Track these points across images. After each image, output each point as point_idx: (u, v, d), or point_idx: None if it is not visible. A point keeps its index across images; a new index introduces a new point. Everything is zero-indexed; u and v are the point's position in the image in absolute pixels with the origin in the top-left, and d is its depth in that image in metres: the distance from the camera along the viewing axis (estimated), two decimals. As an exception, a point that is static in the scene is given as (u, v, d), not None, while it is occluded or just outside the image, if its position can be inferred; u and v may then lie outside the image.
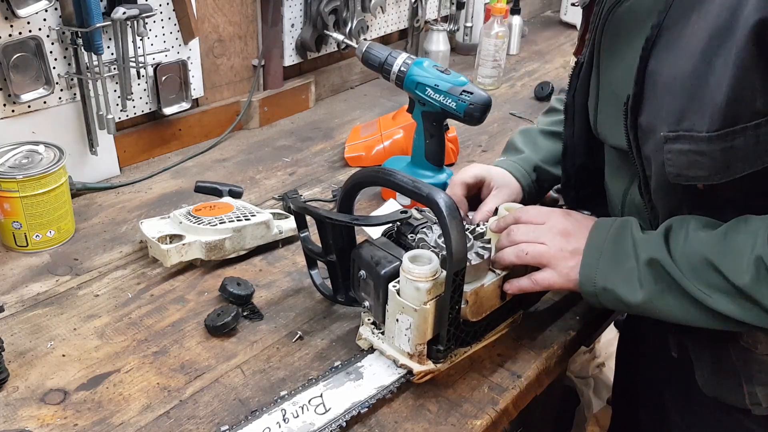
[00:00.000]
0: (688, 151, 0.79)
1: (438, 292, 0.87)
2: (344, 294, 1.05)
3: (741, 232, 0.79)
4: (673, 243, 0.84)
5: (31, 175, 1.15)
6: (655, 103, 0.83)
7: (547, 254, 0.92)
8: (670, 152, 0.80)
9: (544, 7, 2.83)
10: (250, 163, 1.58)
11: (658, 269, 0.83)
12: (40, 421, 0.88)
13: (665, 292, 0.83)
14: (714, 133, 0.76)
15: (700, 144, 0.77)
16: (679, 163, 0.80)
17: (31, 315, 1.07)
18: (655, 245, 0.84)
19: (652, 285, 0.84)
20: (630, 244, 0.87)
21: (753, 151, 0.75)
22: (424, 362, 0.91)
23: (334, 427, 0.85)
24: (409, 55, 1.30)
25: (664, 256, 0.83)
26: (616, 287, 0.87)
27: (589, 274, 0.89)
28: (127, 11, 1.32)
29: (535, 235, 0.94)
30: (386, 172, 0.93)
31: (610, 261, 0.88)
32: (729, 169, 0.77)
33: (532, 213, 0.98)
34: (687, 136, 0.78)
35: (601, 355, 1.89)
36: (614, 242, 0.88)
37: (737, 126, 0.74)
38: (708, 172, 0.78)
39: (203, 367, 0.98)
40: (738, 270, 0.77)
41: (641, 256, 0.85)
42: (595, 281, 0.89)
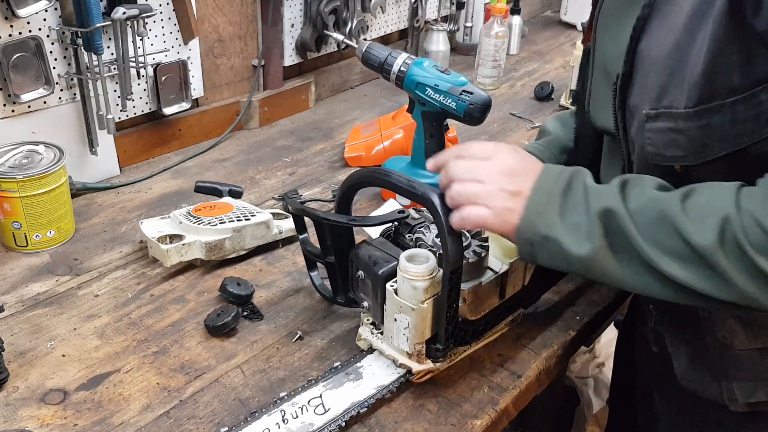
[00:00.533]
0: (666, 129, 0.78)
1: (435, 290, 0.87)
2: (344, 295, 1.05)
3: (705, 193, 0.74)
4: (628, 196, 0.76)
5: (31, 175, 1.15)
6: (642, 80, 0.83)
7: (482, 192, 0.82)
8: (651, 131, 0.80)
9: (544, 7, 2.83)
10: (250, 163, 1.58)
11: (611, 221, 0.75)
12: (40, 421, 0.88)
13: (614, 249, 0.75)
14: (692, 109, 0.75)
15: (678, 121, 0.77)
16: (659, 142, 0.80)
17: (31, 315, 1.07)
18: (609, 196, 0.77)
19: (601, 238, 0.76)
20: (581, 192, 0.78)
21: (730, 130, 0.74)
22: (423, 361, 0.92)
23: (333, 427, 0.85)
24: (409, 55, 1.30)
25: (619, 207, 0.75)
26: (560, 236, 0.77)
27: (531, 218, 0.79)
28: (127, 11, 1.32)
29: (474, 174, 0.83)
30: (382, 172, 0.93)
31: (558, 208, 0.78)
32: (706, 148, 0.76)
33: (476, 148, 0.86)
34: (666, 113, 0.78)
35: (601, 355, 1.89)
36: (565, 189, 0.79)
37: (714, 102, 0.74)
38: (685, 151, 0.78)
39: (203, 367, 0.98)
40: (699, 230, 0.71)
41: (593, 206, 0.76)
42: (537, 227, 0.79)
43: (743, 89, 0.73)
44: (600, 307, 1.13)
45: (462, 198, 0.82)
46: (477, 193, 0.82)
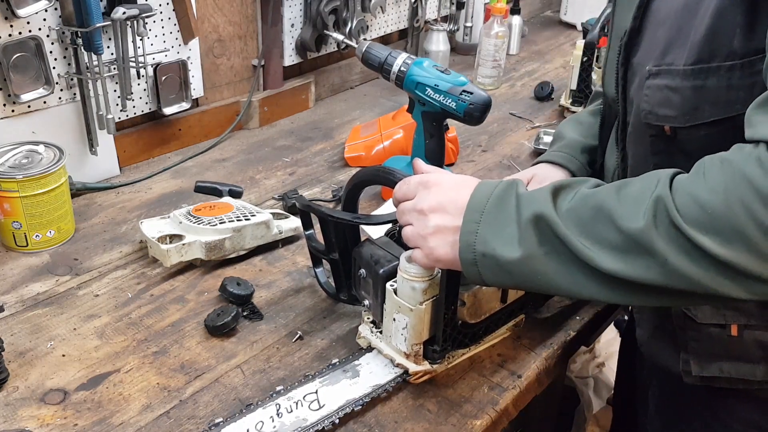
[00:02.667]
0: (663, 87, 0.79)
1: (434, 292, 0.87)
2: (347, 292, 1.06)
3: (639, 181, 0.71)
4: (561, 199, 0.74)
5: (31, 175, 1.15)
6: (650, 38, 0.83)
7: (413, 236, 0.83)
8: (649, 88, 0.80)
9: (544, 7, 2.83)
10: (250, 163, 1.58)
11: (541, 226, 0.73)
12: (40, 421, 0.88)
13: (548, 253, 0.73)
14: (690, 67, 0.76)
15: (675, 78, 0.77)
16: (654, 99, 0.80)
17: (31, 315, 1.07)
18: (540, 201, 0.74)
19: (535, 245, 0.73)
20: (513, 202, 0.76)
21: (723, 95, 0.74)
22: (420, 362, 0.92)
23: (326, 423, 0.85)
24: (409, 55, 1.30)
25: (549, 212, 0.72)
26: (495, 249, 0.75)
27: (468, 240, 0.77)
28: (127, 11, 1.32)
29: (407, 216, 0.84)
30: (386, 171, 0.93)
31: (491, 223, 0.76)
32: (697, 111, 0.77)
33: (402, 189, 0.86)
34: (666, 70, 0.78)
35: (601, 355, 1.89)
36: (497, 203, 0.77)
37: (712, 63, 0.74)
38: (677, 112, 0.78)
39: (203, 367, 0.98)
40: (633, 214, 0.67)
41: (524, 214, 0.74)
42: (474, 247, 0.76)
43: (741, 55, 0.73)
44: (600, 307, 1.13)
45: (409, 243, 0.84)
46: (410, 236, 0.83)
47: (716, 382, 0.90)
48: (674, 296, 0.69)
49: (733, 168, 0.64)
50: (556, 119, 1.84)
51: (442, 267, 0.84)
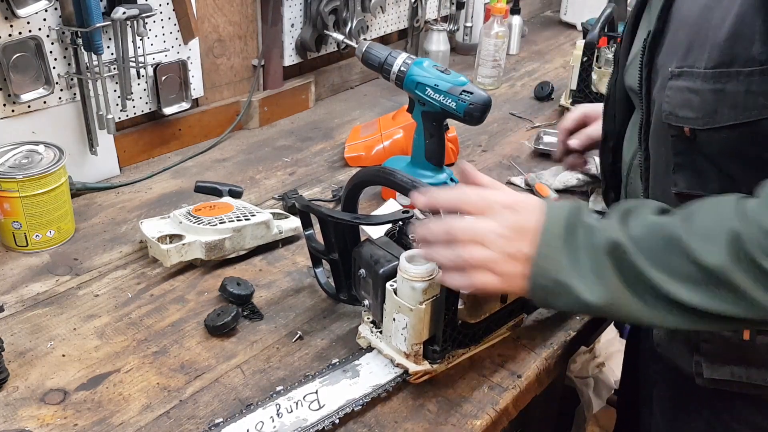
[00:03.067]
0: (684, 88, 0.80)
1: (434, 292, 0.87)
2: (347, 292, 1.06)
3: (705, 210, 0.72)
4: (630, 225, 0.74)
5: (31, 175, 1.15)
6: (672, 40, 0.85)
7: (488, 259, 0.79)
8: (671, 89, 0.82)
9: (544, 7, 2.83)
10: (250, 163, 1.58)
11: (617, 254, 0.73)
12: (40, 421, 0.88)
13: (626, 286, 0.73)
14: (710, 70, 0.77)
15: (696, 80, 0.78)
16: (675, 100, 0.81)
17: (31, 315, 1.07)
18: (612, 228, 0.75)
19: (614, 277, 0.73)
20: (582, 231, 0.76)
21: (742, 100, 0.75)
22: (420, 362, 0.92)
23: (326, 423, 0.85)
24: (409, 55, 1.30)
25: (623, 239, 0.73)
26: (572, 281, 0.75)
27: (543, 266, 0.77)
28: (127, 11, 1.32)
29: (475, 236, 0.80)
30: (386, 171, 0.93)
31: (565, 250, 0.76)
32: (716, 114, 0.77)
33: (474, 200, 0.83)
34: (688, 72, 0.79)
35: (601, 355, 1.89)
36: (567, 230, 0.77)
37: (732, 68, 0.75)
38: (696, 114, 0.79)
39: (203, 367, 0.98)
40: (709, 249, 0.68)
41: (598, 242, 0.74)
42: (548, 273, 0.76)
43: (761, 62, 0.73)
44: (600, 307, 1.13)
45: (467, 264, 0.80)
46: (483, 260, 0.79)
47: (727, 386, 0.90)
48: (755, 324, 0.73)
49: None
50: (556, 119, 1.84)
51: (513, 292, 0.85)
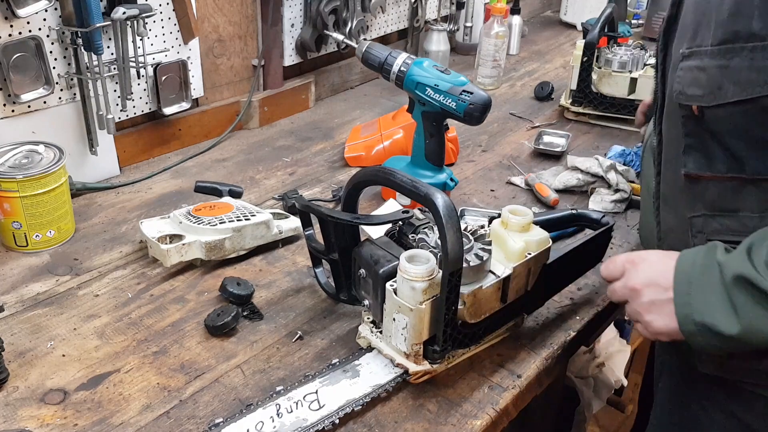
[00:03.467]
0: (693, 68, 0.85)
1: (434, 292, 0.87)
2: (347, 292, 1.06)
3: None
4: (755, 256, 0.79)
5: (31, 175, 1.15)
6: (683, 23, 0.90)
7: (632, 313, 0.92)
8: (682, 69, 0.87)
9: (544, 7, 2.83)
10: (250, 163, 1.58)
11: (746, 286, 0.79)
12: (40, 421, 0.88)
13: (760, 312, 0.78)
14: (716, 47, 0.81)
15: (703, 58, 0.83)
16: (685, 79, 0.86)
17: (31, 315, 1.07)
18: (738, 261, 0.80)
19: (746, 306, 0.79)
20: (716, 269, 0.82)
21: (746, 75, 0.79)
22: (420, 362, 0.91)
23: (326, 423, 0.85)
24: (409, 55, 1.30)
25: (749, 270, 0.78)
26: (712, 318, 0.81)
27: (684, 312, 0.84)
28: (127, 11, 1.32)
29: (617, 295, 0.94)
30: (386, 171, 0.93)
31: (701, 291, 0.83)
32: (721, 90, 0.82)
33: (609, 269, 0.96)
34: (696, 51, 0.84)
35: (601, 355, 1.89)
36: (701, 271, 0.84)
37: (736, 44, 0.80)
38: (703, 91, 0.83)
39: (203, 367, 0.98)
40: None
41: (727, 276, 0.80)
42: (692, 317, 0.83)
43: (762, 37, 0.77)
44: (600, 307, 1.13)
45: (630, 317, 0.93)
46: (631, 313, 0.92)
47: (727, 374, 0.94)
48: None
49: None
50: (556, 119, 1.84)
51: (665, 339, 0.89)
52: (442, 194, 0.85)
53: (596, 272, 1.19)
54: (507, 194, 1.47)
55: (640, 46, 1.79)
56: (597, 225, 1.18)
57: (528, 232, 0.98)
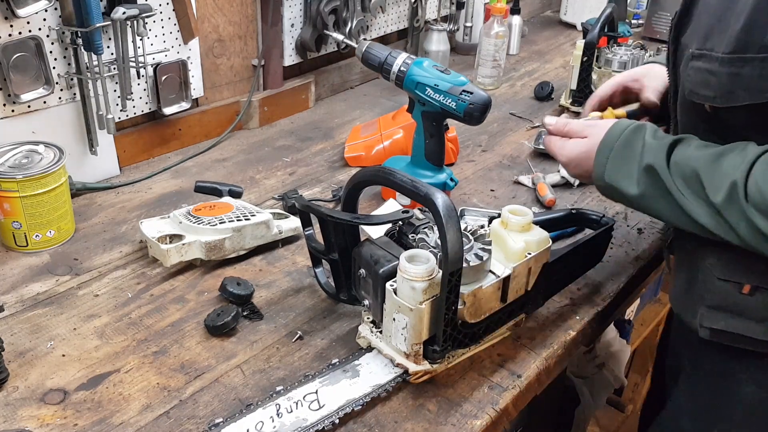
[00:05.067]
0: (703, 70, 0.88)
1: (434, 292, 0.87)
2: (346, 292, 1.06)
3: (732, 156, 0.86)
4: (674, 153, 0.92)
5: (31, 175, 1.15)
6: (696, 21, 0.94)
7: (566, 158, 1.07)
8: (692, 69, 0.90)
9: (544, 7, 2.83)
10: (249, 163, 1.58)
11: (653, 175, 0.93)
12: (40, 421, 0.88)
13: (657, 194, 0.93)
14: (727, 55, 0.85)
15: (714, 63, 0.86)
16: (695, 80, 0.90)
17: (31, 315, 1.07)
18: (658, 153, 0.93)
19: (648, 186, 0.94)
20: (639, 146, 0.95)
21: (756, 83, 0.83)
22: (420, 362, 0.91)
23: (326, 423, 0.85)
24: (409, 55, 1.30)
25: (661, 165, 0.92)
26: (619, 183, 0.97)
27: (599, 171, 0.99)
28: (127, 11, 1.32)
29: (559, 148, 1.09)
30: (386, 171, 0.93)
31: (617, 160, 0.97)
32: (732, 94, 0.85)
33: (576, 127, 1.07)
34: (707, 55, 0.88)
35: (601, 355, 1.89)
36: (625, 144, 0.97)
37: (747, 54, 0.83)
38: (714, 93, 0.87)
39: (203, 366, 0.98)
40: (716, 188, 0.86)
41: (643, 161, 0.94)
42: (603, 177, 0.99)
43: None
44: (600, 307, 1.13)
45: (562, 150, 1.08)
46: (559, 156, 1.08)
47: (724, 338, 0.97)
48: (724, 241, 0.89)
49: None
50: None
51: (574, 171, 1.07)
52: (442, 194, 0.85)
53: (596, 272, 1.19)
54: (507, 194, 1.47)
55: (640, 46, 1.79)
56: (597, 225, 1.18)
57: (528, 232, 0.99)
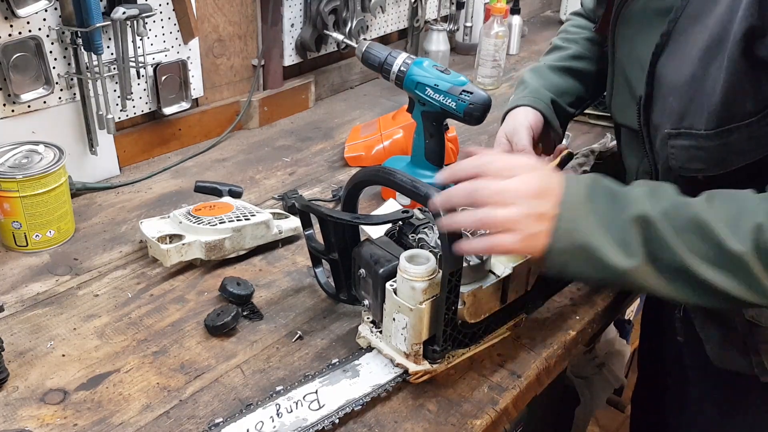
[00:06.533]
0: (689, 147, 0.86)
1: (434, 292, 0.87)
2: (346, 292, 1.06)
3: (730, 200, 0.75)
4: (659, 200, 0.77)
5: (31, 175, 1.15)
6: (662, 103, 0.91)
7: (513, 218, 0.78)
8: (674, 147, 0.88)
9: (543, 7, 2.83)
10: (249, 163, 1.58)
11: (646, 226, 0.75)
12: (40, 421, 0.88)
13: (653, 257, 0.75)
14: (711, 131, 0.83)
15: (699, 140, 0.84)
16: (681, 157, 0.88)
17: (31, 315, 1.07)
18: (641, 201, 0.76)
19: (640, 247, 0.75)
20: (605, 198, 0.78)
21: (747, 146, 0.82)
22: (420, 362, 0.92)
23: (326, 423, 0.85)
24: (408, 55, 1.30)
25: (653, 213, 0.75)
26: (598, 244, 0.76)
27: (567, 228, 0.77)
28: (126, 11, 1.32)
29: (503, 198, 0.79)
30: (386, 171, 0.93)
31: (590, 214, 0.77)
32: (725, 161, 0.84)
33: (497, 165, 0.82)
34: (687, 133, 0.85)
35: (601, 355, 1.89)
36: (590, 195, 0.78)
37: (732, 124, 0.81)
38: (706, 164, 0.86)
39: (203, 366, 0.98)
40: (735, 236, 0.72)
41: (629, 212, 0.76)
42: (573, 237, 0.77)
43: (756, 112, 0.80)
44: (600, 307, 1.13)
45: (491, 225, 0.80)
46: (506, 219, 0.79)
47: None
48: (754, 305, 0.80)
49: None
50: (556, 119, 1.84)
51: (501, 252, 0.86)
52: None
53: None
54: (507, 194, 1.47)
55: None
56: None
57: (528, 231, 0.98)
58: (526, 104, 1.21)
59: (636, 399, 1.57)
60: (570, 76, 1.25)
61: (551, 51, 1.32)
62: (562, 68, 1.26)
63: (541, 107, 1.20)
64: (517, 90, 1.28)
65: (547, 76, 1.25)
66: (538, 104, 1.21)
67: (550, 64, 1.27)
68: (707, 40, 0.82)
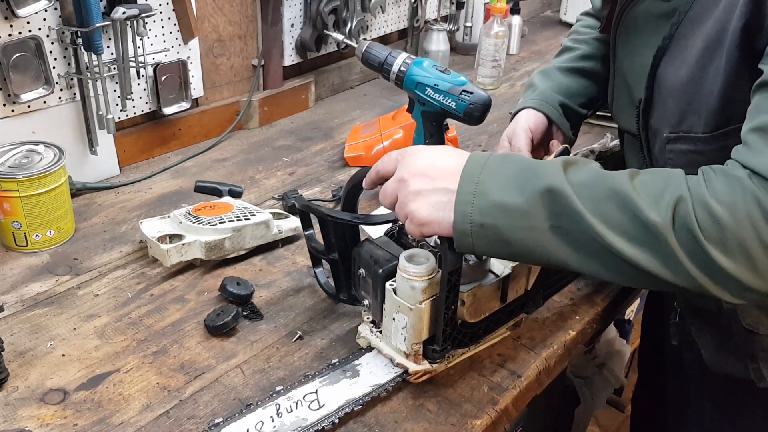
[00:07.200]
0: (687, 151, 0.86)
1: (434, 291, 0.87)
2: (346, 292, 1.06)
3: (654, 174, 0.73)
4: (572, 173, 0.73)
5: (30, 175, 1.15)
6: (661, 107, 0.90)
7: (398, 206, 0.82)
8: (672, 152, 0.88)
9: (543, 7, 2.83)
10: (249, 162, 1.58)
11: (553, 199, 0.72)
12: (40, 421, 0.88)
13: (560, 228, 0.72)
14: (710, 134, 0.83)
15: (697, 144, 0.84)
16: (679, 161, 0.88)
17: (31, 315, 1.07)
18: (552, 173, 0.73)
19: (545, 220, 0.72)
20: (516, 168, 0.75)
21: None
22: (420, 362, 0.92)
23: (326, 423, 0.85)
24: (408, 55, 1.30)
25: (562, 185, 0.71)
26: (497, 223, 0.73)
27: (464, 210, 0.75)
28: (126, 11, 1.32)
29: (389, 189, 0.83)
30: None
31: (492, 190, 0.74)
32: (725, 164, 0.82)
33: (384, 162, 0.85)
34: (685, 137, 0.85)
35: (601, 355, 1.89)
36: (494, 171, 0.75)
37: (730, 126, 0.81)
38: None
39: (203, 366, 0.98)
40: (654, 207, 0.69)
41: (536, 185, 0.72)
42: (471, 218, 0.74)
43: None
44: (600, 307, 1.13)
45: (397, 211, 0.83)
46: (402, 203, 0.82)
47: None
48: (669, 286, 0.72)
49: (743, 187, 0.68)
50: (556, 119, 1.84)
51: (427, 232, 0.80)
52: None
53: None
54: (507, 194, 1.47)
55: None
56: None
57: (528, 231, 0.98)
58: (530, 107, 1.21)
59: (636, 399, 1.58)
60: (580, 76, 1.24)
61: (561, 52, 1.32)
62: (571, 69, 1.25)
63: (545, 109, 1.20)
64: (526, 93, 1.28)
65: (557, 77, 1.25)
66: (542, 107, 1.21)
67: (560, 66, 1.27)
68: (704, 41, 0.82)
